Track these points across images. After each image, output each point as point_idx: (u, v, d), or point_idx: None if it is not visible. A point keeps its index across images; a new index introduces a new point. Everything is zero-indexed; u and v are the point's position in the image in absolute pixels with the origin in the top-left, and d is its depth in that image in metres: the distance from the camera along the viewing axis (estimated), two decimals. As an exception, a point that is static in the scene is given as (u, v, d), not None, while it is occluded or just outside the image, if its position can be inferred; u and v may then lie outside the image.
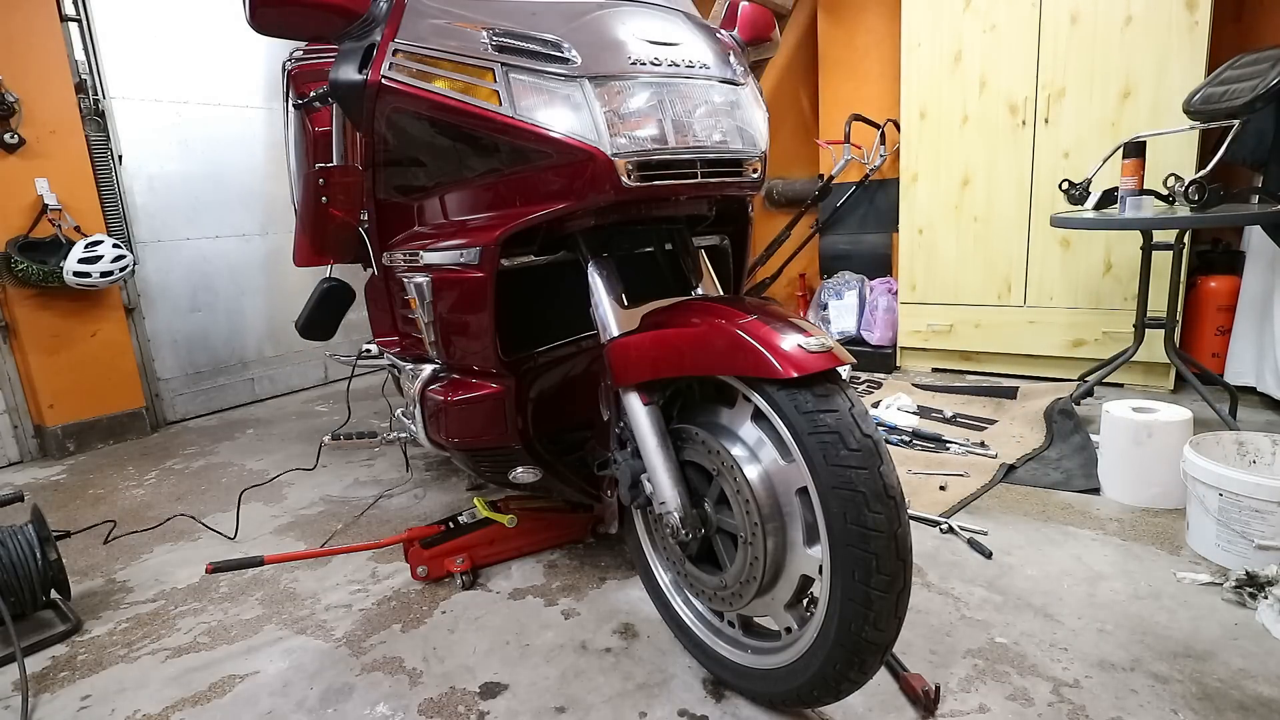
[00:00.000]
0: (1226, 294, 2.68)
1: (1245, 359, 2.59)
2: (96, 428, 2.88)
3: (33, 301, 2.68)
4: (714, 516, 1.18)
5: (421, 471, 2.41)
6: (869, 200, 3.64)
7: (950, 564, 1.64)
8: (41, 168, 2.67)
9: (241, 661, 1.44)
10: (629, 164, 1.16)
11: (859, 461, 0.95)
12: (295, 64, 2.48)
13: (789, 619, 1.13)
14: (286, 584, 1.73)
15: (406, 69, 1.26)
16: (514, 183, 1.30)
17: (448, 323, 1.46)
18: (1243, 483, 1.50)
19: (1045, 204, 2.85)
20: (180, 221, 3.15)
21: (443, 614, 1.56)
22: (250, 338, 3.43)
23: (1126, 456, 1.88)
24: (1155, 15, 2.55)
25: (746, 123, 1.30)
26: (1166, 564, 1.59)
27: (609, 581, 1.65)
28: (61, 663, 1.47)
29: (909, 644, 1.35)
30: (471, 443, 1.50)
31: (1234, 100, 2.07)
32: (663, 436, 1.20)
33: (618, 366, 1.22)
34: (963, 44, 2.93)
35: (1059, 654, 1.31)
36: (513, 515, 1.72)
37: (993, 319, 3.05)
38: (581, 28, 1.22)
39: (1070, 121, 2.76)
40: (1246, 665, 1.26)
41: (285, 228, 3.49)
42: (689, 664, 1.34)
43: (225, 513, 2.17)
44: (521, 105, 1.18)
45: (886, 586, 0.95)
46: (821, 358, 0.99)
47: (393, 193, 1.57)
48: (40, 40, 2.65)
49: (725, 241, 1.69)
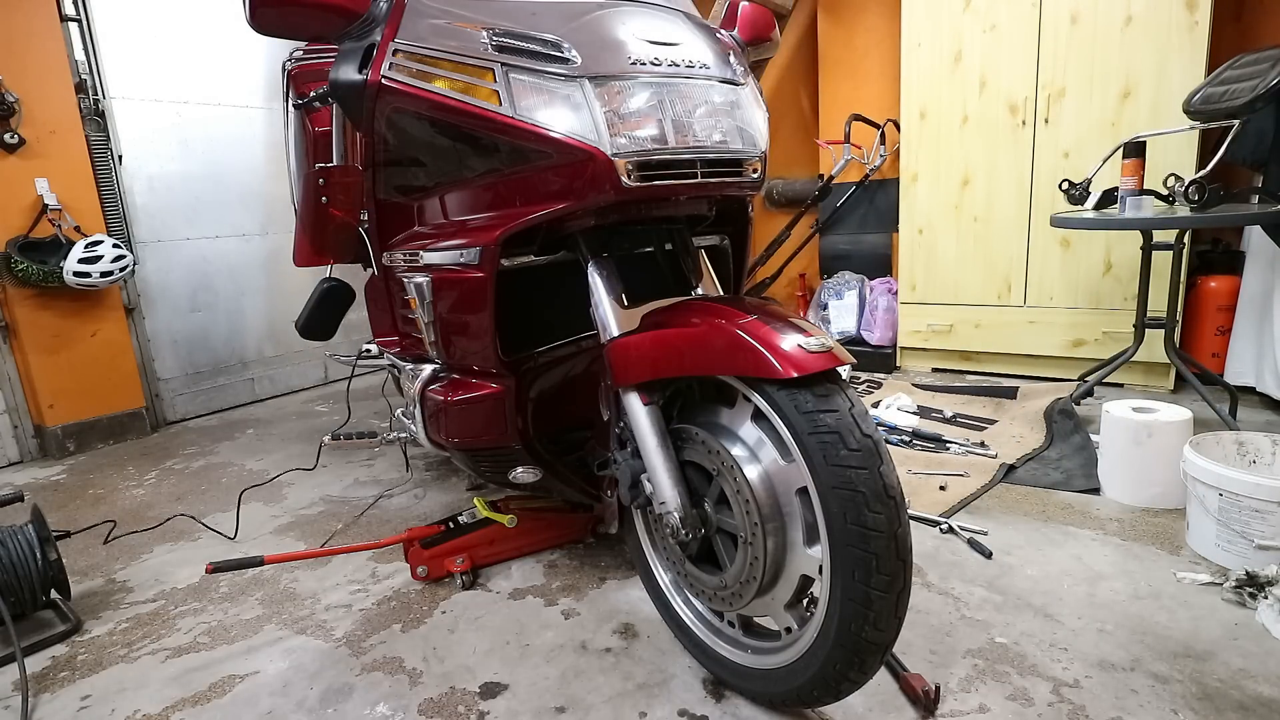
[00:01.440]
0: (1226, 294, 2.68)
1: (1245, 359, 2.59)
2: (96, 428, 2.88)
3: (33, 301, 2.68)
4: (714, 516, 1.18)
5: (421, 471, 2.41)
6: (869, 200, 3.64)
7: (950, 564, 1.64)
8: (41, 168, 2.67)
9: (241, 661, 1.44)
10: (629, 164, 1.16)
11: (859, 461, 0.95)
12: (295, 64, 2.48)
13: (789, 619, 1.13)
14: (286, 584, 1.73)
15: (406, 69, 1.26)
16: (514, 183, 1.30)
17: (448, 323, 1.46)
18: (1243, 483, 1.50)
19: (1045, 204, 2.85)
20: (180, 221, 3.15)
21: (443, 614, 1.56)
22: (250, 338, 3.43)
23: (1126, 456, 1.88)
24: (1155, 15, 2.55)
25: (746, 123, 1.30)
26: (1166, 564, 1.59)
27: (609, 581, 1.65)
28: (61, 663, 1.47)
29: (909, 644, 1.35)
30: (471, 443, 1.50)
31: (1234, 100, 2.07)
32: (663, 436, 1.20)
33: (618, 366, 1.22)
34: (963, 44, 2.93)
35: (1059, 654, 1.31)
36: (513, 515, 1.72)
37: (993, 319, 3.05)
38: (581, 28, 1.22)
39: (1070, 121, 2.76)
40: (1246, 665, 1.26)
41: (285, 228, 3.49)
42: (689, 664, 1.34)
43: (225, 513, 2.17)
44: (521, 105, 1.18)
45: (886, 586, 0.95)
46: (821, 358, 0.99)
47: (393, 193, 1.57)
48: (40, 40, 2.65)
49: (725, 241, 1.69)
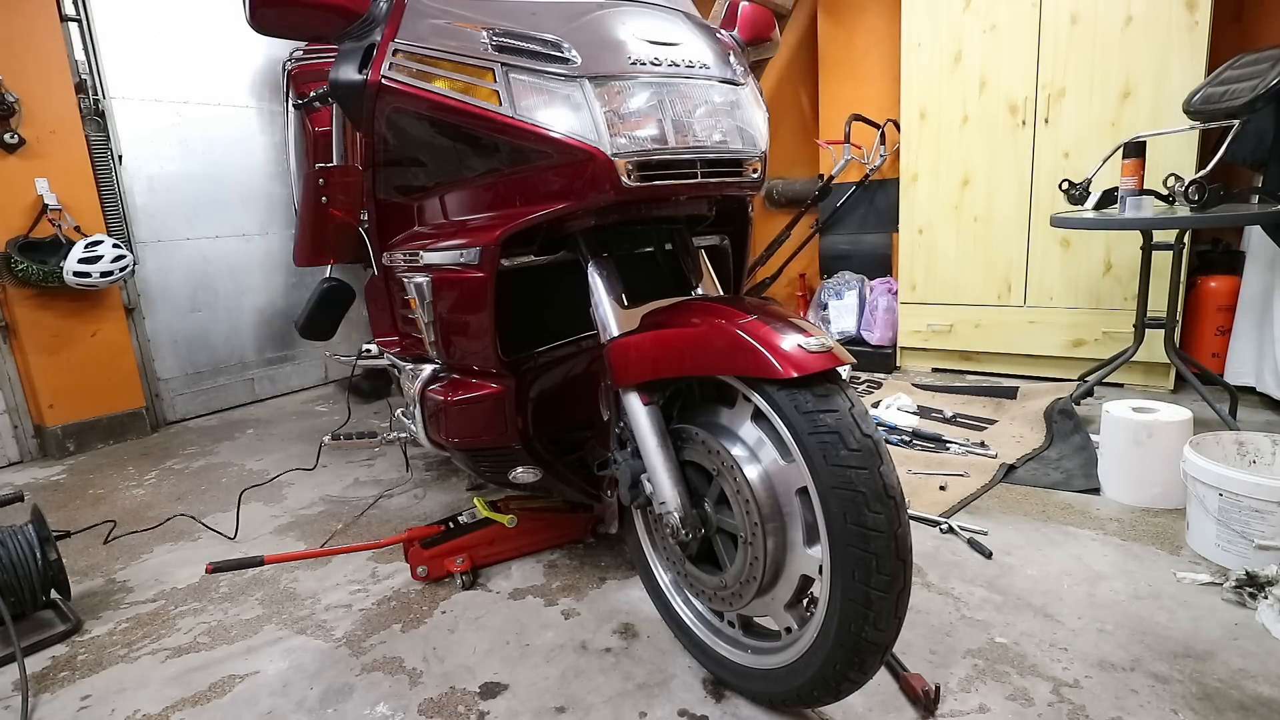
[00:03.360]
0: (1226, 294, 2.68)
1: (1245, 359, 2.59)
2: (96, 428, 2.88)
3: (33, 301, 2.68)
4: (714, 516, 1.18)
5: (421, 471, 2.41)
6: (869, 200, 3.64)
7: (950, 564, 1.64)
8: (41, 168, 2.67)
9: (241, 661, 1.44)
10: (629, 164, 1.16)
11: (859, 461, 0.95)
12: (295, 64, 2.49)
13: (789, 619, 1.13)
14: (286, 584, 1.73)
15: (406, 69, 1.26)
16: (514, 183, 1.30)
17: (448, 323, 1.46)
18: (1243, 483, 1.50)
19: (1045, 204, 2.85)
20: (180, 221, 3.15)
21: (443, 614, 1.56)
22: (250, 338, 3.43)
23: (1126, 456, 1.88)
24: (1155, 15, 2.55)
25: (746, 123, 1.30)
26: (1166, 564, 1.59)
27: (609, 581, 1.65)
28: (61, 663, 1.47)
29: (909, 644, 1.35)
30: (471, 443, 1.50)
31: (1234, 100, 2.07)
32: (663, 436, 1.20)
33: (618, 366, 1.22)
34: (963, 44, 2.93)
35: (1059, 654, 1.31)
36: (513, 515, 1.72)
37: (993, 319, 3.05)
38: (581, 28, 1.22)
39: (1070, 121, 2.76)
40: (1246, 665, 1.26)
41: (285, 228, 3.49)
42: (689, 664, 1.34)
43: (225, 513, 2.17)
44: (521, 105, 1.18)
45: (886, 586, 0.95)
46: (821, 358, 0.99)
47: (393, 193, 1.57)
48: (40, 40, 2.64)
49: (725, 241, 1.69)
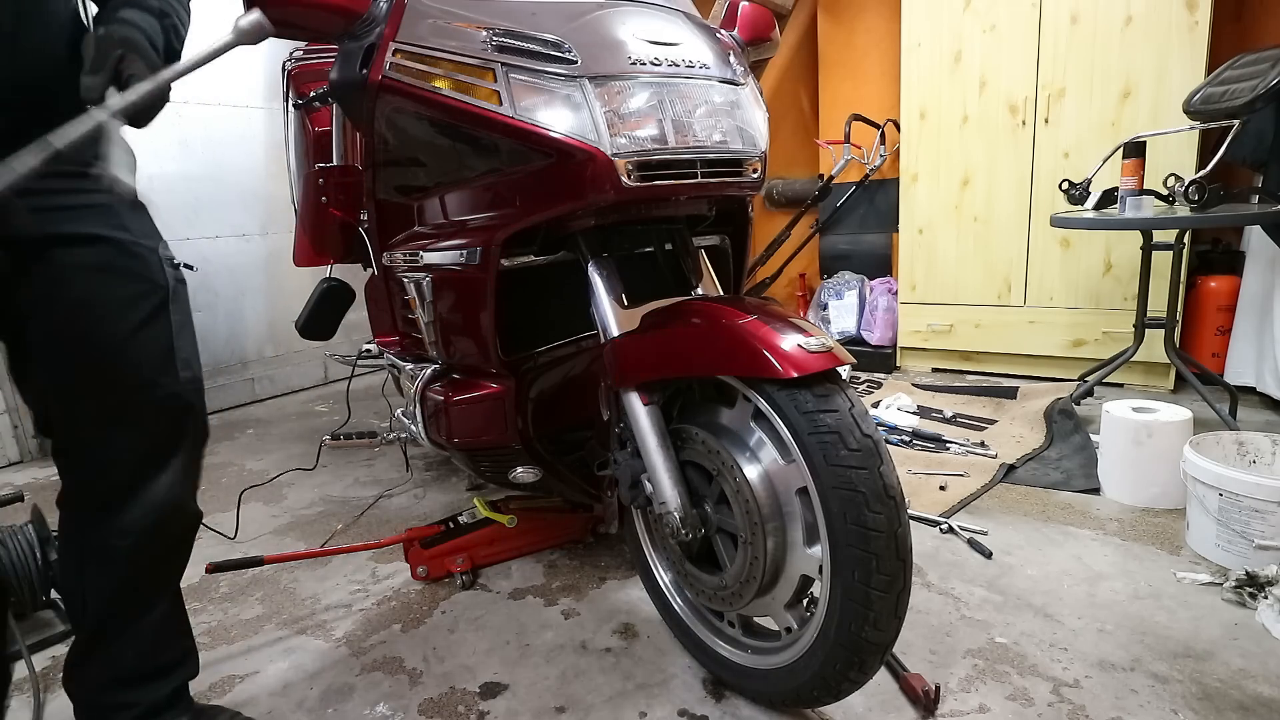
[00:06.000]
0: (1226, 294, 2.68)
1: (1245, 359, 2.59)
2: (96, 428, 2.87)
3: (33, 301, 2.68)
4: (714, 516, 1.18)
5: (421, 471, 2.41)
6: (869, 200, 3.64)
7: (950, 564, 1.64)
8: (41, 168, 2.66)
9: (241, 661, 1.44)
10: (629, 164, 1.16)
11: (859, 461, 0.95)
12: (295, 64, 2.48)
13: (789, 619, 1.13)
14: (286, 584, 1.73)
15: (407, 69, 1.26)
16: (514, 183, 1.30)
17: (448, 323, 1.46)
18: (1243, 483, 1.50)
19: (1045, 204, 2.85)
20: (180, 221, 3.14)
21: (443, 614, 1.56)
22: (250, 338, 3.43)
23: (1126, 456, 1.88)
24: (1155, 15, 2.55)
25: (746, 123, 1.30)
26: (1166, 564, 1.59)
27: (609, 581, 1.65)
28: (62, 663, 1.46)
29: (909, 644, 1.35)
30: (471, 443, 1.50)
31: (1234, 100, 2.07)
32: (663, 436, 1.20)
33: (618, 367, 1.22)
34: (963, 44, 2.93)
35: (1059, 654, 1.31)
36: (513, 515, 1.72)
37: (993, 319, 3.05)
38: (581, 28, 1.21)
39: (1070, 121, 2.76)
40: (1246, 665, 1.26)
41: (285, 228, 3.48)
42: (689, 664, 1.34)
43: (225, 513, 2.17)
44: (521, 105, 1.17)
45: (886, 586, 0.95)
46: (821, 358, 0.99)
47: (393, 193, 1.57)
48: (40, 40, 2.64)
49: (725, 241, 1.69)
